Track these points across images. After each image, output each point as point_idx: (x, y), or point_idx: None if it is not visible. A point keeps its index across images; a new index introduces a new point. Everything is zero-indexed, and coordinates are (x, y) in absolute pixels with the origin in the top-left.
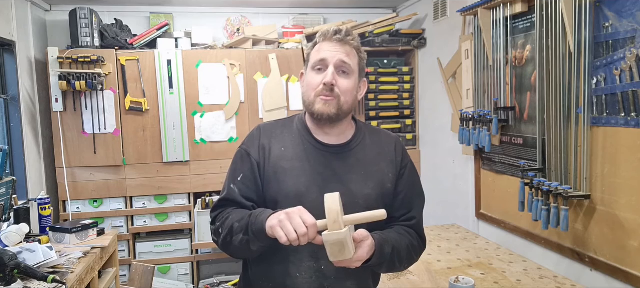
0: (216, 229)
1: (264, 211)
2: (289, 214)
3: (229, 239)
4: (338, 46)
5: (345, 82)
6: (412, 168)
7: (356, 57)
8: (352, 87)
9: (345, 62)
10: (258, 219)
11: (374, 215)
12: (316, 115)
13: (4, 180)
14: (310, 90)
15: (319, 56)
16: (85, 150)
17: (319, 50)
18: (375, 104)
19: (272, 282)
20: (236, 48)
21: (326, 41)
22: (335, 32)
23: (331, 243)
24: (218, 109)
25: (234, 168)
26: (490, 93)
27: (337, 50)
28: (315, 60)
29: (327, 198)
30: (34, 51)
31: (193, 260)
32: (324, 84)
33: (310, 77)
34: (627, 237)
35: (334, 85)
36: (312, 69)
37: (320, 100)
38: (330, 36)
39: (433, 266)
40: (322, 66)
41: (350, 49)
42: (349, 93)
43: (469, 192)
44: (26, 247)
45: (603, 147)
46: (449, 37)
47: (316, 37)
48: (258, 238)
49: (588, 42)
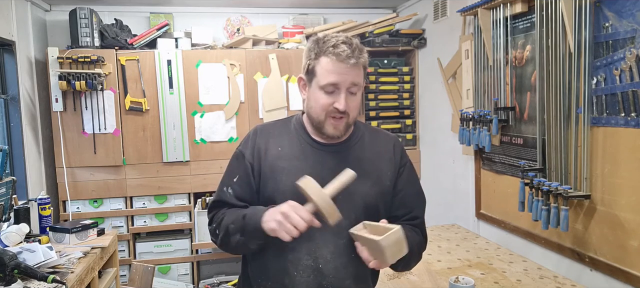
0: (213, 230)
1: (256, 211)
2: (285, 214)
3: (226, 240)
4: (350, 69)
5: (354, 100)
6: (411, 167)
7: (363, 71)
8: (359, 102)
9: (356, 83)
10: (252, 220)
11: (345, 179)
12: (327, 136)
13: (4, 180)
14: (320, 110)
15: (330, 79)
16: (85, 150)
17: (329, 71)
18: (375, 104)
19: (270, 281)
20: (236, 48)
21: (338, 62)
22: (348, 55)
23: (392, 243)
24: (218, 109)
25: (229, 169)
26: (490, 93)
27: (348, 73)
28: (326, 83)
29: (302, 182)
30: (34, 51)
31: (193, 260)
32: (336, 109)
33: (320, 96)
34: (627, 237)
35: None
36: (321, 88)
37: (330, 123)
38: (344, 59)
39: (433, 266)
40: (335, 89)
41: (359, 66)
42: (357, 108)
43: (469, 192)
44: (26, 247)
45: (603, 147)
46: (449, 37)
47: (322, 47)
48: (255, 237)
49: (588, 42)
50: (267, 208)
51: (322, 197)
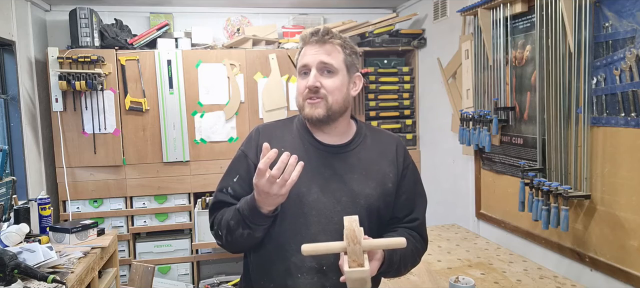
0: (216, 232)
1: (246, 199)
2: (266, 189)
3: (230, 238)
4: (317, 47)
5: (329, 81)
6: (414, 168)
7: (340, 53)
8: (339, 85)
9: (327, 62)
10: (247, 206)
11: (393, 243)
12: (306, 118)
13: (4, 180)
14: (299, 96)
15: (302, 61)
16: (85, 150)
17: (303, 55)
18: (375, 104)
19: (273, 282)
20: (236, 48)
21: (307, 45)
22: (312, 33)
23: (353, 280)
24: (218, 109)
25: (229, 170)
26: (490, 93)
27: (317, 52)
28: (300, 66)
29: (347, 220)
30: (34, 51)
31: (193, 260)
32: (308, 88)
33: (298, 82)
34: (627, 237)
35: (319, 88)
36: (299, 74)
37: (307, 105)
38: (308, 39)
39: (433, 266)
40: (306, 70)
41: (332, 47)
42: (337, 91)
43: (469, 192)
44: (26, 247)
45: (603, 147)
46: (449, 37)
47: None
48: (257, 223)
49: (588, 42)
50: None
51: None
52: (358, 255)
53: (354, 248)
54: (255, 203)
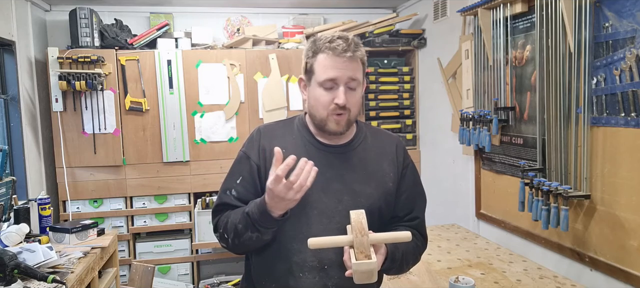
0: (221, 235)
1: (255, 202)
2: (282, 194)
3: (238, 241)
4: (347, 63)
5: (354, 96)
6: (413, 168)
7: (361, 66)
8: (359, 98)
9: (354, 78)
10: (257, 210)
11: (399, 237)
12: (330, 133)
13: (4, 180)
14: (321, 108)
15: (327, 74)
16: (85, 150)
17: (326, 66)
18: (375, 104)
19: (275, 282)
20: (236, 48)
21: (335, 57)
22: (344, 49)
23: (361, 272)
24: (218, 109)
25: (232, 171)
26: (490, 93)
27: (346, 67)
28: (324, 78)
29: (354, 213)
30: (34, 51)
31: (193, 260)
32: (336, 104)
33: (319, 93)
34: (627, 237)
35: (346, 105)
36: (320, 85)
37: (333, 120)
38: (340, 53)
39: (433, 266)
40: (333, 85)
41: (357, 61)
42: (358, 104)
43: (469, 192)
44: (26, 247)
45: (603, 147)
46: (449, 37)
47: (319, 44)
48: (266, 226)
49: (588, 42)
50: (262, 197)
51: (364, 236)
52: (365, 247)
53: (361, 240)
54: (265, 207)
